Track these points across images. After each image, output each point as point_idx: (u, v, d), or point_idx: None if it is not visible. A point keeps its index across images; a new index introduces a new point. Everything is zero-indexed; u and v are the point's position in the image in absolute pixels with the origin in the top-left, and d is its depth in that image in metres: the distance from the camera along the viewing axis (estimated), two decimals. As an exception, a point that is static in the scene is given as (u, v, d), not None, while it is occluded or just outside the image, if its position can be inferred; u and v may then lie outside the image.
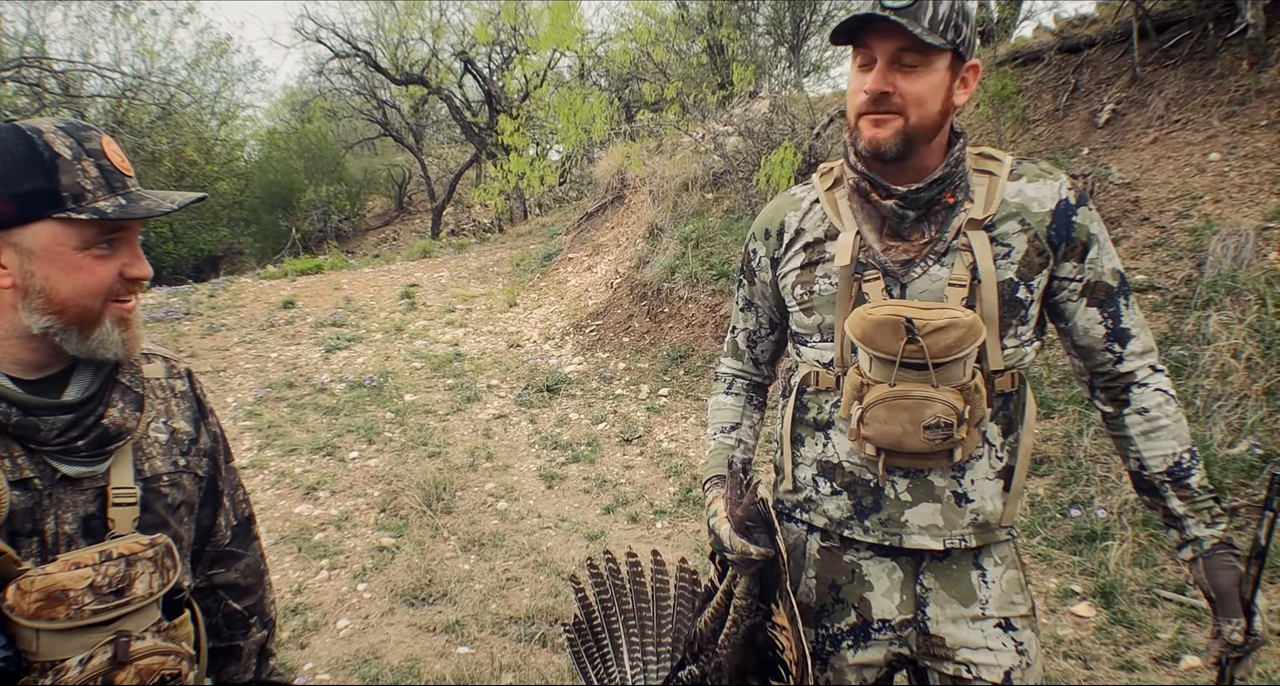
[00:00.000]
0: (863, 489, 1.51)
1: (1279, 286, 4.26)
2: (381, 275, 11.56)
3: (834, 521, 1.55)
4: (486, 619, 3.62)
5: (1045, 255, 1.43)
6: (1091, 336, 1.47)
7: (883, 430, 1.39)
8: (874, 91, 1.34)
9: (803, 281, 1.53)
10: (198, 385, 1.42)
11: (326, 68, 18.95)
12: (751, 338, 1.75)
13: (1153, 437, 1.46)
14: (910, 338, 1.34)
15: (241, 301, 9.89)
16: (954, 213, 1.43)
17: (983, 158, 1.47)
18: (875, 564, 1.54)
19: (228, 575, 1.47)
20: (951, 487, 1.46)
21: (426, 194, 21.35)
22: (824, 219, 1.53)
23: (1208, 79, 6.09)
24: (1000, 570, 1.52)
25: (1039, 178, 1.45)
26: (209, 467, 1.40)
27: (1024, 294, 1.42)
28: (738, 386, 1.79)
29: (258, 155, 22.26)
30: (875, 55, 1.34)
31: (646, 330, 7.49)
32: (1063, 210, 1.43)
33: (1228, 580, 1.39)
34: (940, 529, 1.47)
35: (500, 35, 17.05)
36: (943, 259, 1.42)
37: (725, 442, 1.74)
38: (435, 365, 7.52)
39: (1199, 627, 3.17)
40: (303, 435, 5.92)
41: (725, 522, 1.46)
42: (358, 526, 4.57)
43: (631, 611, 1.91)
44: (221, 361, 7.74)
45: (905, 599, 1.52)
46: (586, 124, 6.69)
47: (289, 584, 3.96)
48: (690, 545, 4.26)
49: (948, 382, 1.36)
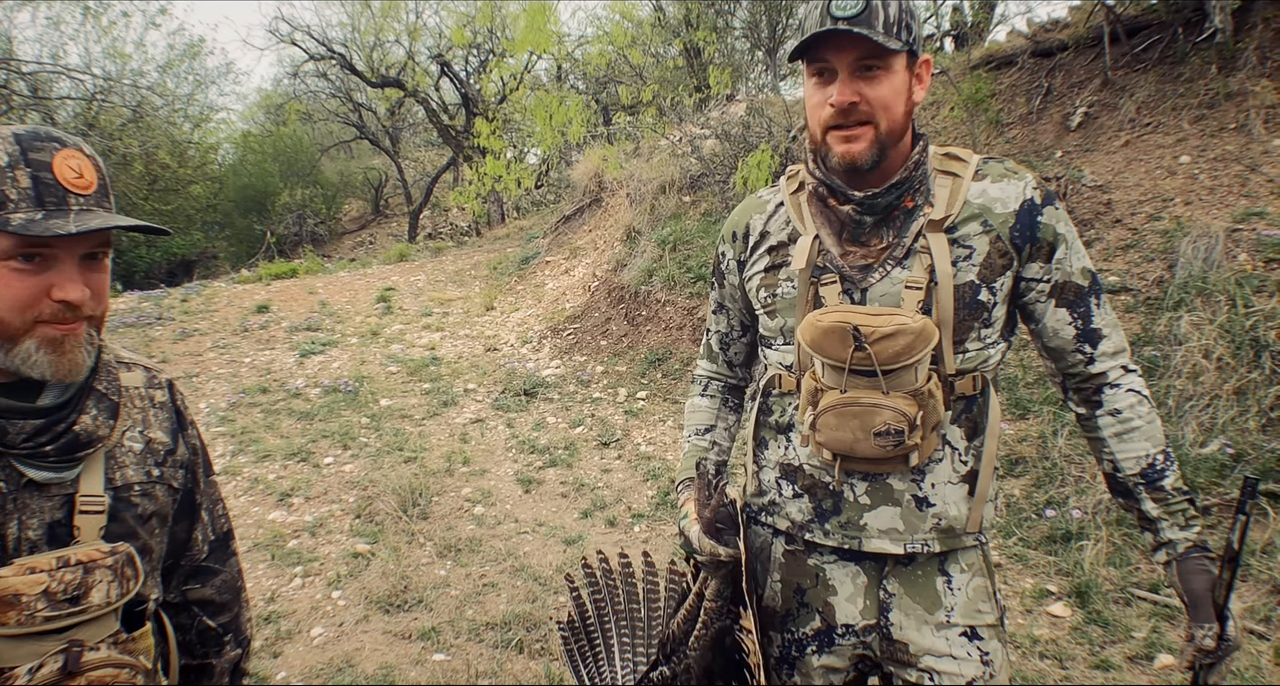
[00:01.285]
0: (823, 491, 1.49)
1: (1249, 287, 4.31)
2: (358, 279, 11.48)
3: (796, 524, 1.54)
4: (463, 625, 3.59)
5: (1008, 256, 1.40)
6: (1062, 337, 1.45)
7: (833, 437, 1.39)
8: (842, 103, 1.33)
9: (767, 285, 1.53)
10: (178, 396, 1.39)
11: (301, 70, 18.84)
12: (724, 340, 1.74)
13: (1126, 439, 1.44)
14: (858, 345, 1.33)
15: (215, 306, 9.78)
16: (913, 217, 1.41)
17: (948, 158, 1.45)
18: (839, 568, 1.52)
19: (203, 591, 1.43)
20: (911, 491, 1.44)
21: (403, 197, 21.27)
22: (788, 222, 1.52)
23: (1177, 83, 6.16)
24: (967, 577, 1.49)
25: (1003, 177, 1.42)
26: (186, 480, 1.37)
27: (986, 296, 1.40)
28: (713, 389, 1.78)
29: (232, 158, 22.10)
30: (835, 66, 1.33)
31: (624, 333, 7.48)
32: (1027, 210, 1.40)
33: (1201, 584, 1.37)
34: (901, 533, 1.45)
35: (476, 38, 17.01)
36: (903, 262, 1.40)
37: (698, 445, 1.73)
38: (411, 369, 7.47)
39: (1173, 626, 3.19)
40: (276, 441, 5.85)
41: (695, 524, 1.45)
42: (332, 533, 4.52)
43: (623, 612, 1.91)
44: (194, 367, 7.65)
45: (868, 604, 1.50)
46: (563, 126, 6.67)
47: (262, 592, 3.91)
48: (668, 548, 4.24)
49: (899, 389, 1.35)
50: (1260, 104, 5.59)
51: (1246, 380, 4.01)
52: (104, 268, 1.17)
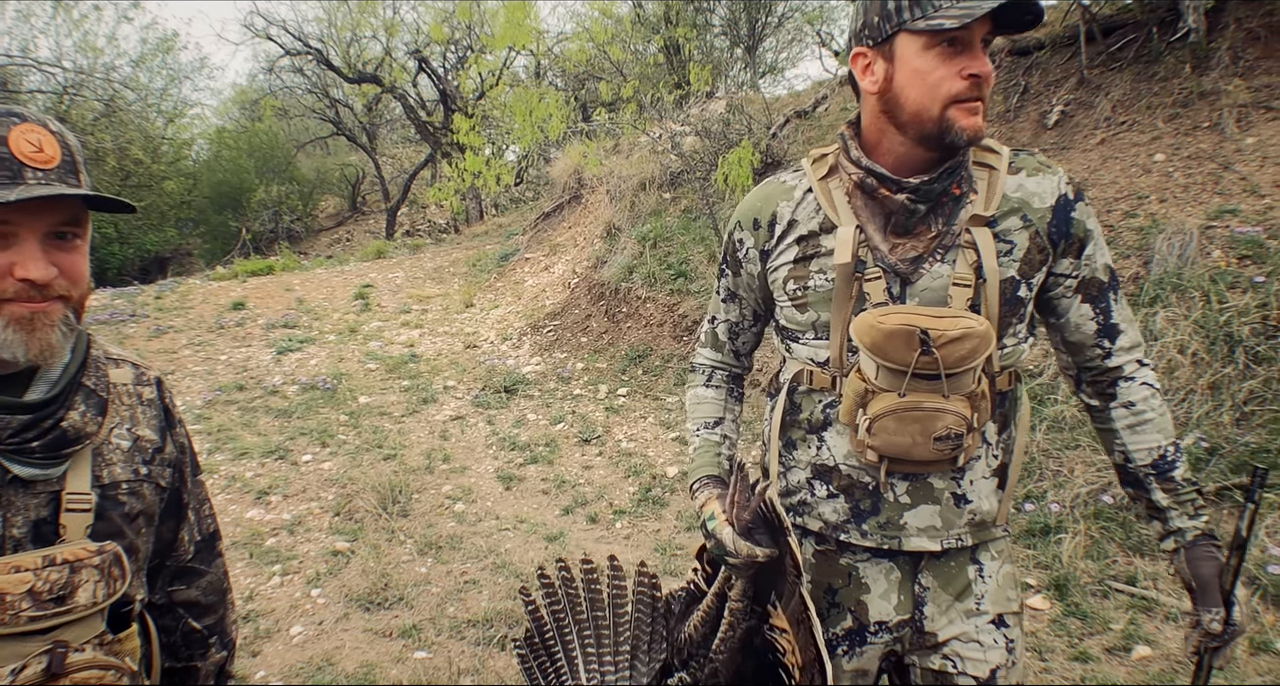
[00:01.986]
0: (861, 492, 1.46)
1: (1222, 284, 4.37)
2: (335, 276, 11.39)
3: (830, 524, 1.50)
4: (444, 623, 3.57)
5: (1045, 252, 1.39)
6: (1083, 332, 1.45)
7: (891, 441, 1.35)
8: (987, 74, 1.28)
9: (796, 276, 1.46)
10: (167, 394, 1.36)
11: (277, 65, 18.69)
12: (733, 329, 1.67)
13: (1138, 431, 1.45)
14: (925, 349, 1.29)
15: (190, 303, 9.67)
16: (960, 205, 1.37)
17: (980, 150, 1.41)
18: (872, 566, 1.50)
19: (188, 592, 1.41)
20: (950, 489, 1.43)
21: (381, 194, 21.13)
22: (818, 210, 1.45)
23: (1152, 81, 6.23)
24: (997, 564, 1.50)
25: (1038, 171, 1.40)
26: (173, 479, 1.34)
27: (1024, 292, 1.39)
28: (718, 378, 1.72)
29: (206, 154, 21.87)
30: (971, 38, 1.27)
31: (605, 330, 7.47)
32: (1062, 205, 1.39)
33: (1209, 570, 1.38)
34: (938, 530, 1.44)
35: (454, 34, 16.92)
36: (945, 256, 1.37)
37: (710, 439, 1.66)
38: (390, 366, 7.42)
39: (1149, 618, 3.23)
40: (254, 438, 5.79)
41: (726, 525, 1.39)
42: (311, 531, 4.48)
43: (586, 620, 1.82)
44: (169, 364, 7.56)
45: (903, 599, 1.49)
46: (542, 123, 6.65)
47: (240, 590, 3.86)
48: (650, 545, 4.24)
49: (958, 391, 1.32)
50: (1233, 103, 5.66)
51: (1220, 375, 4.07)
52: (75, 248, 1.13)
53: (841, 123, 8.38)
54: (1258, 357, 4.04)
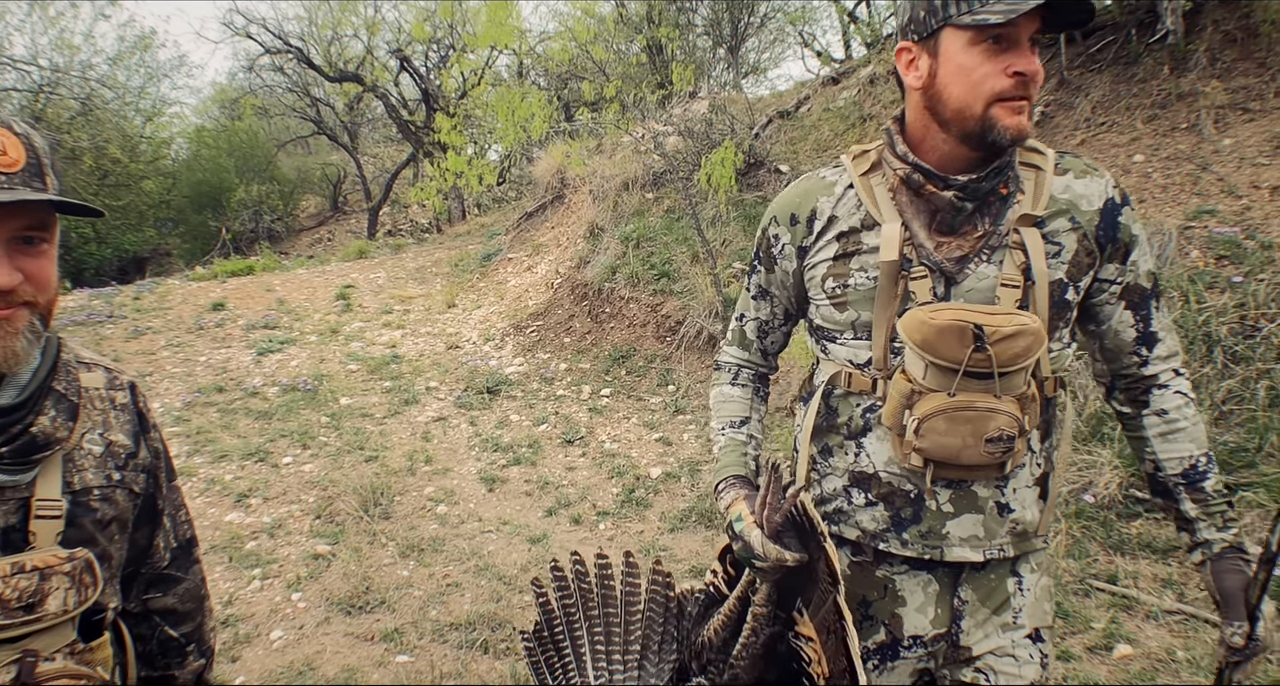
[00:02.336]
0: (901, 499, 1.42)
1: (1201, 284, 4.40)
2: (316, 276, 11.31)
3: (868, 533, 1.46)
4: (426, 626, 3.54)
5: (1093, 256, 1.37)
6: (1122, 339, 1.43)
7: (941, 443, 1.30)
8: (1034, 72, 1.25)
9: (835, 274, 1.42)
10: (141, 398, 1.34)
11: (257, 64, 18.52)
12: (763, 328, 1.63)
13: (1170, 439, 1.42)
14: (978, 346, 1.25)
15: (169, 304, 9.58)
16: (1008, 204, 1.35)
17: (1026, 150, 1.39)
18: (910, 578, 1.46)
19: (165, 600, 1.38)
20: (995, 498, 1.39)
21: (362, 194, 21.01)
22: (859, 206, 1.41)
23: (1131, 83, 6.29)
24: (1036, 577, 1.47)
25: (1086, 173, 1.38)
26: (147, 484, 1.32)
27: (1071, 295, 1.36)
28: (744, 377, 1.67)
29: (185, 153, 21.67)
30: (1018, 35, 1.24)
31: (588, 330, 7.45)
32: (1110, 209, 1.37)
33: (1234, 584, 1.37)
34: (981, 540, 1.40)
35: (436, 33, 16.84)
36: (991, 257, 1.34)
37: (736, 438, 1.60)
38: (372, 367, 7.37)
39: (1130, 617, 3.25)
40: (233, 441, 5.74)
41: (754, 527, 1.34)
42: (291, 534, 4.44)
43: (598, 616, 1.79)
44: (148, 366, 7.48)
45: (940, 612, 1.45)
46: (525, 122, 6.63)
47: (219, 595, 3.83)
48: (634, 546, 4.23)
49: (1009, 392, 1.29)
50: (1210, 104, 5.71)
51: (1199, 374, 4.10)
52: (42, 253, 1.10)
53: (823, 123, 8.38)
54: (1235, 357, 4.07)
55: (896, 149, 1.37)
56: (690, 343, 6.44)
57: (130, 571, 1.33)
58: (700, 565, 3.93)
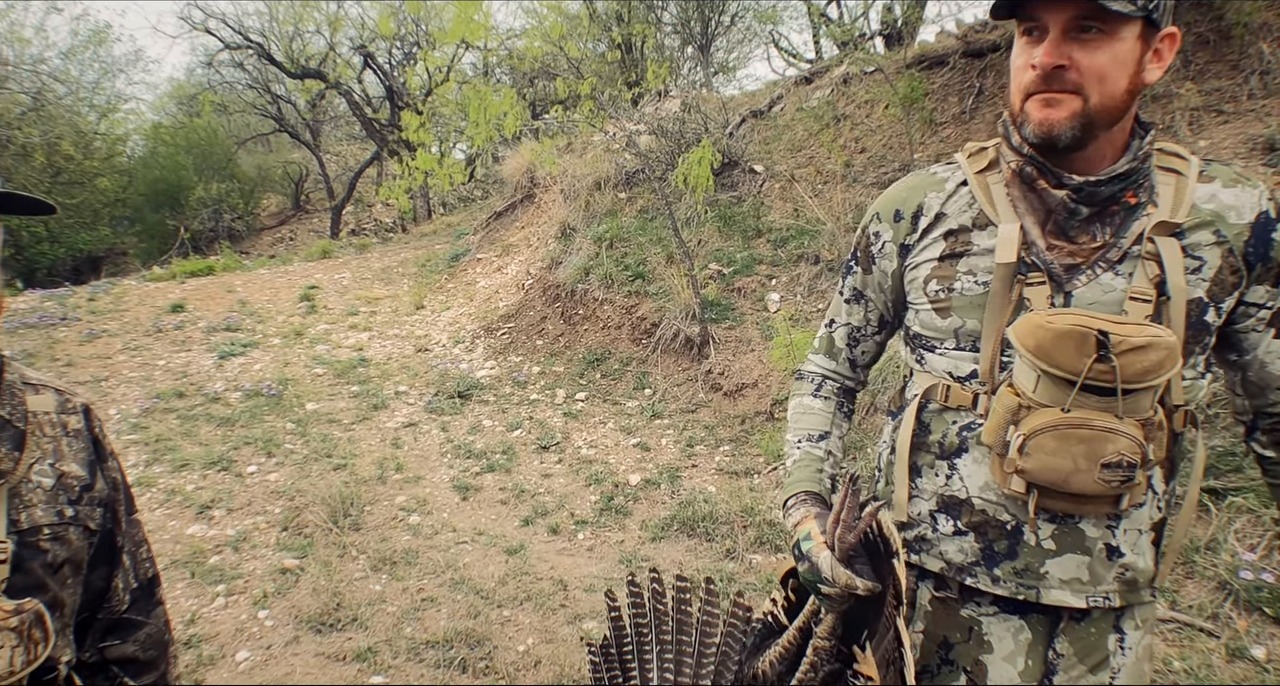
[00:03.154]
0: (996, 531, 1.28)
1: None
2: (279, 277, 11.05)
3: (953, 566, 1.33)
4: (401, 644, 3.40)
5: (1239, 274, 1.22)
6: (1269, 372, 1.27)
7: (1048, 463, 1.15)
8: (1047, 66, 1.14)
9: (940, 276, 1.30)
10: (96, 423, 1.21)
11: (216, 60, 18.08)
12: (854, 335, 1.51)
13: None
14: (1101, 355, 1.11)
15: (125, 305, 9.28)
16: (1135, 215, 1.22)
17: (1166, 155, 1.26)
18: (999, 622, 1.32)
19: (124, 648, 1.24)
20: (1105, 539, 1.24)
21: (325, 192, 20.66)
22: (972, 204, 1.30)
23: (1105, 84, 6.28)
24: (1139, 634, 1.32)
25: (1236, 183, 1.24)
26: (104, 520, 1.18)
27: (1211, 317, 1.21)
28: (828, 389, 1.54)
29: (142, 151, 21.19)
30: (1047, 23, 1.14)
31: (561, 333, 7.32)
32: (1263, 224, 1.21)
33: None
34: (1084, 584, 1.26)
35: (402, 29, 16.58)
36: (1117, 267, 1.21)
37: (813, 453, 1.47)
38: (338, 371, 7.18)
39: (1124, 625, 3.20)
40: (195, 448, 5.53)
41: (824, 549, 1.22)
42: (257, 547, 4.26)
43: (670, 642, 1.68)
44: (103, 370, 7.21)
45: (1031, 664, 1.31)
46: (498, 120, 6.48)
47: (181, 614, 3.65)
48: (614, 557, 4.11)
49: (1132, 414, 1.13)
50: (1185, 106, 5.73)
51: (1184, 377, 4.07)
52: None
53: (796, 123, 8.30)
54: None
55: (1012, 141, 1.26)
56: (667, 345, 6.34)
57: (85, 616, 1.19)
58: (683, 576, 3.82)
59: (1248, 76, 5.67)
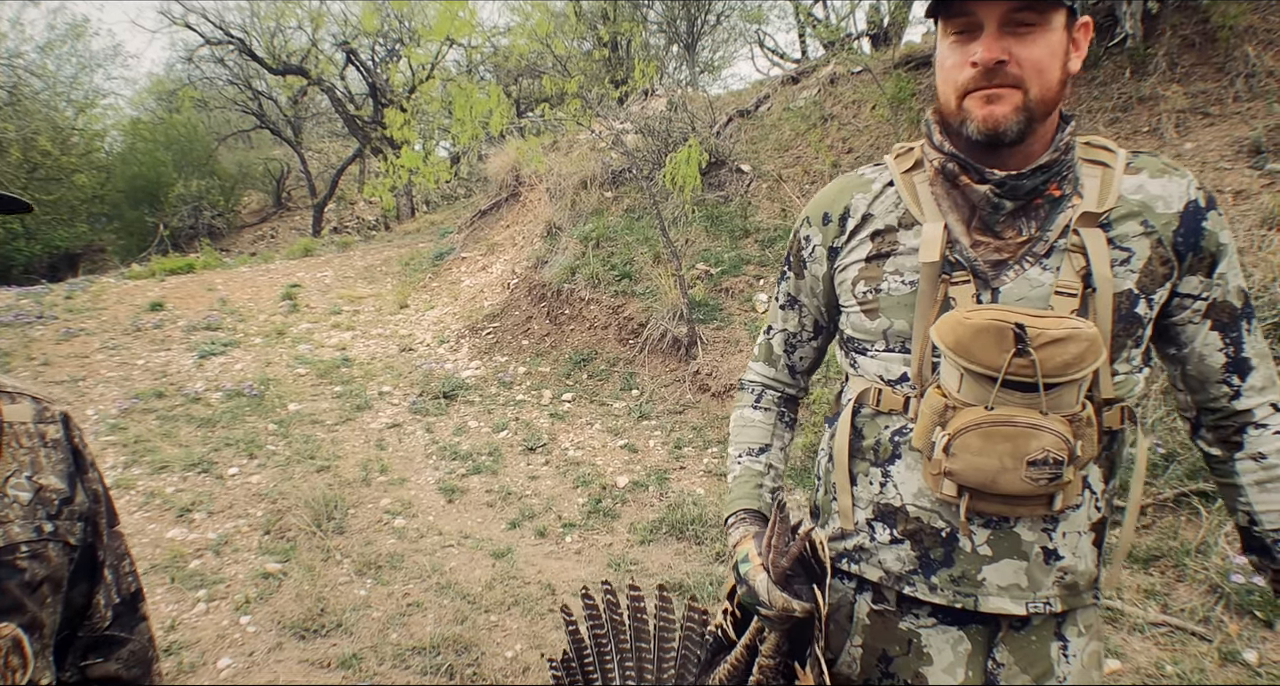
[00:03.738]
0: (931, 538, 1.26)
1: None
2: (260, 275, 10.92)
3: (891, 575, 1.31)
4: (387, 650, 3.34)
5: (1170, 265, 1.21)
6: (1208, 365, 1.26)
7: (975, 463, 1.14)
8: (989, 60, 1.12)
9: (867, 277, 1.29)
10: (75, 433, 1.15)
11: (196, 55, 17.87)
12: (791, 341, 1.50)
13: (1269, 488, 1.25)
14: (1020, 349, 1.10)
15: (103, 303, 9.14)
16: (1059, 208, 1.21)
17: (1092, 147, 1.26)
18: (938, 634, 1.30)
19: (106, 666, 1.19)
20: (1041, 543, 1.22)
21: (307, 189, 20.47)
22: (898, 204, 1.30)
23: (1092, 86, 6.30)
24: (1084, 641, 1.30)
25: (1163, 173, 1.23)
26: (85, 534, 1.13)
27: (1143, 309, 1.20)
28: (768, 399, 1.53)
29: (120, 146, 20.89)
30: (982, 20, 1.13)
31: (547, 332, 7.26)
32: (1192, 213, 1.21)
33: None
34: (1023, 590, 1.23)
35: (385, 25, 16.44)
36: (1044, 261, 1.19)
37: (753, 468, 1.47)
38: (321, 371, 7.09)
39: (1115, 629, 3.19)
40: (174, 450, 5.44)
41: (762, 571, 1.22)
42: (239, 551, 4.19)
43: (629, 652, 1.68)
44: (80, 369, 7.09)
45: (971, 675, 1.28)
46: (483, 118, 6.42)
47: (161, 619, 3.57)
48: (603, 560, 4.07)
49: (1057, 410, 1.12)
50: (1171, 108, 5.74)
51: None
52: None
53: (783, 123, 8.29)
54: (1209, 362, 4.06)
55: (934, 138, 1.25)
56: (654, 345, 6.30)
57: (65, 634, 1.14)
58: (672, 579, 3.79)
59: (1233, 79, 5.69)
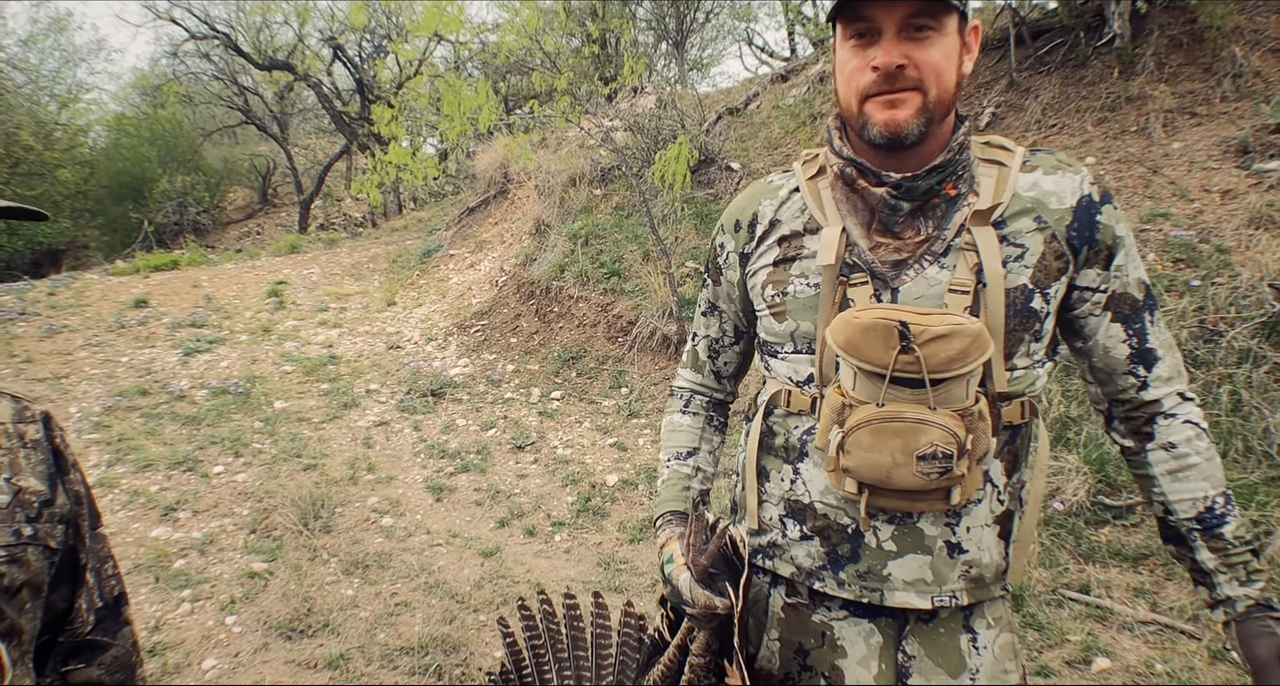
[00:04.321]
0: (838, 535, 1.29)
1: (1159, 287, 4.40)
2: (246, 271, 10.84)
3: (803, 571, 1.33)
4: (374, 651, 3.31)
5: (1064, 259, 1.23)
6: (1113, 357, 1.28)
7: (867, 460, 1.17)
8: (889, 65, 1.13)
9: (775, 281, 1.32)
10: (57, 433, 1.13)
11: (181, 50, 17.74)
12: (714, 347, 1.53)
13: (1180, 477, 1.27)
14: (904, 346, 1.12)
15: (87, 300, 9.05)
16: (955, 206, 1.23)
17: (990, 147, 1.28)
18: (850, 626, 1.32)
19: (88, 671, 1.16)
20: (944, 537, 1.24)
21: (293, 186, 20.35)
22: (804, 210, 1.32)
23: (1080, 85, 6.32)
24: (993, 633, 1.32)
25: (1057, 169, 1.25)
26: (66, 537, 1.10)
27: (1039, 304, 1.22)
28: (695, 404, 1.57)
29: (104, 142, 20.69)
30: (881, 25, 1.14)
31: (535, 330, 7.23)
32: (1085, 207, 1.23)
33: (1266, 649, 1.18)
34: (928, 585, 1.26)
35: (372, 21, 16.34)
36: (941, 259, 1.21)
37: (680, 471, 1.51)
38: (308, 369, 7.04)
39: (1105, 628, 3.19)
40: (159, 448, 5.39)
41: (684, 570, 1.25)
42: (224, 550, 4.15)
43: (567, 659, 1.70)
44: (63, 367, 7.02)
45: (885, 667, 1.31)
46: (471, 114, 6.38)
47: (145, 620, 3.53)
48: (592, 559, 4.05)
49: (947, 405, 1.14)
50: (1159, 108, 5.76)
51: (1161, 379, 4.08)
52: None
53: (773, 120, 8.27)
54: (1196, 361, 4.07)
55: (834, 144, 1.28)
56: (644, 344, 6.28)
57: (46, 639, 1.11)
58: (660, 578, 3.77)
59: (1220, 79, 5.72)
